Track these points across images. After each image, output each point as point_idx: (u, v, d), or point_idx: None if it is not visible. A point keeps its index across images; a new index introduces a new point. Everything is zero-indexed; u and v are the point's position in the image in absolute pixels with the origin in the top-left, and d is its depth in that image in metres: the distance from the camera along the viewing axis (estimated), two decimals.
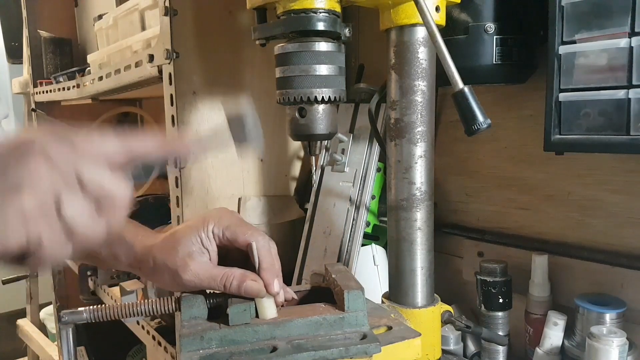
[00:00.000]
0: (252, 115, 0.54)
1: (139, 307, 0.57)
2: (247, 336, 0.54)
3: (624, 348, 0.65)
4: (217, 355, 0.52)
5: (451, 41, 0.74)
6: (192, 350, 0.52)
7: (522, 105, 0.86)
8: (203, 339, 0.53)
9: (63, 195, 0.41)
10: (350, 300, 0.56)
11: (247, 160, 1.07)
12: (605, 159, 0.77)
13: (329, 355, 0.51)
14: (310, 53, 0.58)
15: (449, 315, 0.67)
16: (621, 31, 0.60)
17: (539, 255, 0.82)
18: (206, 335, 0.53)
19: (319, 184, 1.04)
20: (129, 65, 1.11)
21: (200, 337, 0.53)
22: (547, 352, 0.77)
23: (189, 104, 0.96)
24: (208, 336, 0.53)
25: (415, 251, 0.65)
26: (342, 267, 0.65)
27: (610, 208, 0.78)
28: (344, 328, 0.56)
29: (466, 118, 0.53)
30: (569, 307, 0.78)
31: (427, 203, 0.65)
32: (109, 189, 0.43)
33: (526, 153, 0.87)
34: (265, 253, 0.59)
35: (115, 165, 0.45)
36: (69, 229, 0.41)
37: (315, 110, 0.60)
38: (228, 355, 0.52)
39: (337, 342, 0.54)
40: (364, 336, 0.54)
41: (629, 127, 0.61)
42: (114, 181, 0.44)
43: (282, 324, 0.55)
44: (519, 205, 0.89)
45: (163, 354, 1.14)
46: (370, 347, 0.52)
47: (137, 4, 1.19)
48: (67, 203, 0.41)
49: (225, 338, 0.53)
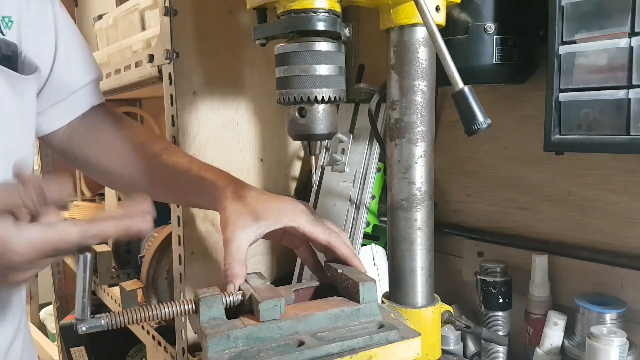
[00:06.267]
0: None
1: (157, 310, 0.57)
2: (272, 332, 0.55)
3: (624, 348, 0.65)
4: (245, 353, 0.52)
5: (451, 41, 0.74)
6: (219, 350, 0.52)
7: (522, 105, 0.86)
8: (230, 338, 0.53)
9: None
10: (364, 291, 0.59)
11: (247, 160, 1.07)
12: (605, 159, 0.77)
13: (355, 344, 0.54)
14: (310, 53, 0.58)
15: (449, 315, 0.67)
16: (621, 31, 0.60)
17: (539, 255, 0.82)
18: (232, 334, 0.53)
19: (319, 184, 1.04)
20: (129, 65, 1.11)
21: (227, 337, 0.53)
22: (547, 352, 0.77)
23: (189, 104, 0.96)
24: (234, 335, 0.53)
25: (415, 251, 0.65)
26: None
27: (610, 208, 0.78)
28: (359, 319, 0.58)
29: (466, 118, 0.53)
30: (569, 307, 0.78)
31: (427, 203, 0.65)
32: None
33: (526, 153, 0.87)
34: (345, 247, 0.66)
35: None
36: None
37: (315, 110, 0.60)
38: (256, 352, 0.52)
39: (357, 332, 0.56)
40: (381, 325, 0.57)
41: (629, 127, 0.61)
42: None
43: (304, 318, 0.56)
44: (519, 205, 0.89)
45: (163, 354, 1.14)
46: (391, 334, 0.55)
47: (137, 4, 1.19)
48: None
49: (251, 336, 0.54)
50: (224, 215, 0.66)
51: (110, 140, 0.83)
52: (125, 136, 0.82)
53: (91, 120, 0.84)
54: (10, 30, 0.66)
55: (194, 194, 0.74)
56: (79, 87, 0.81)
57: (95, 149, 0.83)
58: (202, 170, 0.73)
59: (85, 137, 0.83)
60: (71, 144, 0.84)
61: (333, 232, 0.66)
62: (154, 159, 0.78)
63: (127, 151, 0.81)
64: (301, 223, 0.65)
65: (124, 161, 0.81)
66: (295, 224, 0.65)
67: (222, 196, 0.68)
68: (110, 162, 0.82)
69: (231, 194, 0.67)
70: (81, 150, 0.83)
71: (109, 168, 0.82)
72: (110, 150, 0.82)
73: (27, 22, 0.69)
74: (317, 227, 0.66)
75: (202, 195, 0.72)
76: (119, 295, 1.35)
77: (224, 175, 0.72)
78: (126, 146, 0.81)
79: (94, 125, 0.84)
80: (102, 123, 0.84)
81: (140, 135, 0.83)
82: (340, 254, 0.66)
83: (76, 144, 0.83)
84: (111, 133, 0.83)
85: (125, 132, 0.83)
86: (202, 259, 1.00)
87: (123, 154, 0.81)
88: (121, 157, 0.81)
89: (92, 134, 0.83)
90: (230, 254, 0.62)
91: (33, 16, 0.70)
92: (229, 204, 0.66)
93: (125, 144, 0.81)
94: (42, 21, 0.73)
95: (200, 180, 0.72)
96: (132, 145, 0.81)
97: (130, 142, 0.81)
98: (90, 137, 0.83)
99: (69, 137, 0.83)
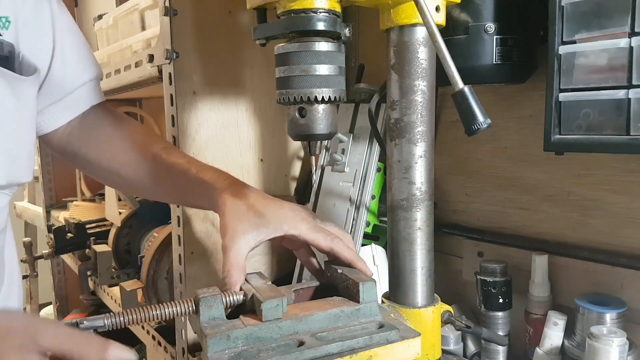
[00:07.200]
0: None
1: (158, 310, 0.57)
2: (272, 332, 0.55)
3: (624, 348, 0.65)
4: (245, 353, 0.52)
5: (451, 41, 0.74)
6: (219, 350, 0.52)
7: (522, 105, 0.86)
8: (230, 338, 0.53)
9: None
10: (364, 291, 0.59)
11: (247, 160, 1.07)
12: (605, 159, 0.77)
13: (355, 344, 0.54)
14: (310, 53, 0.58)
15: (449, 315, 0.67)
16: (621, 31, 0.60)
17: (539, 255, 0.82)
18: (232, 334, 0.53)
19: (319, 184, 1.04)
20: (129, 65, 1.11)
21: (227, 337, 0.53)
22: (547, 352, 0.77)
23: (189, 104, 0.96)
24: (234, 335, 0.53)
25: (415, 251, 0.65)
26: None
27: (610, 208, 0.78)
28: (359, 319, 0.58)
29: (466, 118, 0.53)
30: (569, 307, 0.78)
31: (427, 203, 0.65)
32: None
33: (526, 153, 0.87)
34: (348, 251, 0.65)
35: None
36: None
37: (315, 110, 0.60)
38: (256, 352, 0.52)
39: (357, 332, 0.56)
40: (380, 325, 0.57)
41: (629, 127, 0.61)
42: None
43: (304, 318, 0.56)
44: (518, 205, 0.89)
45: (163, 354, 1.14)
46: (391, 334, 0.55)
47: (137, 4, 1.19)
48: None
49: (251, 336, 0.54)
50: (223, 220, 0.65)
51: (110, 140, 0.83)
52: (125, 135, 0.82)
53: (91, 120, 0.84)
54: (7, 30, 0.66)
55: (192, 195, 0.74)
56: (77, 86, 0.80)
57: (95, 148, 0.83)
58: (201, 172, 0.73)
59: (85, 136, 0.83)
60: (71, 143, 0.83)
61: (335, 238, 0.65)
62: (154, 158, 0.78)
63: (127, 150, 0.81)
64: (302, 231, 0.64)
65: (123, 160, 0.81)
66: (296, 232, 0.64)
67: (221, 199, 0.67)
68: (110, 161, 0.82)
69: (230, 196, 0.67)
70: (80, 149, 0.83)
71: (108, 167, 0.82)
72: (110, 149, 0.82)
73: (23, 21, 0.68)
74: (319, 233, 0.65)
75: (201, 197, 0.72)
76: (119, 295, 1.35)
77: (223, 176, 0.72)
78: (126, 145, 0.81)
79: (93, 124, 0.84)
80: (101, 122, 0.84)
81: (140, 135, 0.83)
82: (344, 259, 0.65)
83: (76, 143, 0.83)
84: (111, 132, 0.83)
85: (125, 131, 0.83)
86: (202, 259, 1.00)
87: (122, 153, 0.81)
88: (120, 156, 0.81)
89: (92, 133, 0.83)
90: (228, 261, 0.61)
91: (28, 16, 0.70)
92: (228, 207, 0.65)
93: (125, 143, 0.81)
94: (38, 20, 0.72)
95: (198, 181, 0.72)
96: (131, 144, 0.81)
97: (129, 142, 0.81)
98: (90, 136, 0.83)
99: (69, 136, 0.83)
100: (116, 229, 1.48)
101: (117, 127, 0.83)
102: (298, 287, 0.66)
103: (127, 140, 0.81)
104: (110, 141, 0.82)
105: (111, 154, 0.82)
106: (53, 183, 2.26)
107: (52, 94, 0.78)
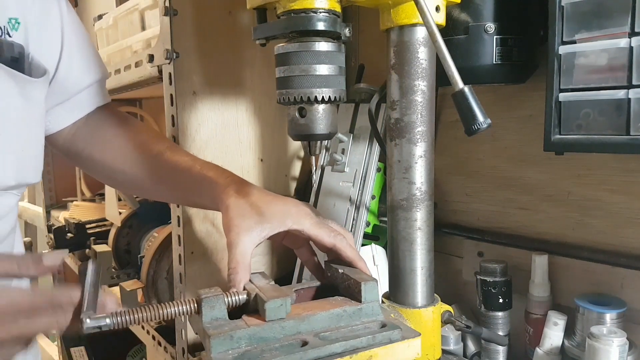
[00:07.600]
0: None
1: (161, 310, 0.56)
2: (275, 332, 0.54)
3: (624, 348, 0.65)
4: (249, 353, 0.52)
5: (451, 41, 0.74)
6: (223, 350, 0.52)
7: (522, 105, 0.86)
8: (233, 339, 0.53)
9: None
10: (366, 291, 0.59)
11: (247, 160, 1.07)
12: (605, 159, 0.77)
13: (358, 344, 0.54)
14: (310, 53, 0.58)
15: (449, 315, 0.67)
16: (621, 31, 0.60)
17: (539, 255, 0.82)
18: (235, 334, 0.53)
19: (319, 184, 1.04)
20: (129, 65, 1.11)
21: (230, 337, 0.52)
22: (547, 352, 0.77)
23: (189, 104, 0.96)
24: (238, 335, 0.53)
25: (415, 251, 0.65)
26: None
27: (610, 208, 0.78)
28: (361, 318, 0.58)
29: (466, 118, 0.53)
30: (569, 307, 0.78)
31: (427, 203, 0.65)
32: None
33: (526, 153, 0.87)
34: (350, 250, 0.66)
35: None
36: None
37: (315, 110, 0.60)
38: (259, 352, 0.52)
39: (359, 332, 0.56)
40: (383, 325, 0.57)
41: (629, 127, 0.61)
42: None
43: (307, 318, 0.56)
44: (518, 205, 0.89)
45: (163, 354, 1.14)
46: (394, 333, 0.55)
47: (137, 4, 1.19)
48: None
49: (254, 336, 0.54)
50: (226, 217, 0.65)
51: (114, 140, 0.83)
52: (128, 135, 0.82)
53: (95, 120, 0.84)
54: (17, 32, 0.66)
55: (195, 193, 0.74)
56: (83, 87, 0.81)
57: (99, 148, 0.83)
58: (204, 169, 0.73)
59: (89, 137, 0.84)
60: (75, 143, 0.84)
61: (338, 235, 0.66)
62: (157, 157, 0.78)
63: (130, 150, 0.81)
64: (306, 226, 0.65)
65: (126, 160, 0.81)
66: (300, 227, 0.64)
67: (224, 196, 0.67)
68: (113, 160, 0.82)
69: (234, 193, 0.67)
70: (85, 149, 0.84)
71: (112, 167, 0.82)
72: (114, 149, 0.82)
73: (32, 23, 0.68)
74: (322, 229, 0.65)
75: (204, 194, 0.72)
76: (119, 295, 1.35)
77: (226, 174, 0.72)
78: (129, 145, 0.81)
79: (98, 125, 0.84)
80: (106, 122, 0.84)
81: (143, 135, 0.83)
82: (345, 257, 0.65)
83: (80, 143, 0.84)
84: (115, 132, 0.83)
85: (129, 131, 0.83)
86: (202, 259, 1.00)
87: (126, 153, 0.81)
88: (124, 156, 0.81)
89: (96, 133, 0.84)
90: (234, 258, 0.61)
91: (37, 17, 0.70)
92: (231, 204, 0.65)
93: (129, 143, 0.81)
94: (47, 21, 0.73)
95: (202, 178, 0.72)
96: (135, 144, 0.81)
97: (133, 141, 0.81)
98: (94, 136, 0.84)
99: (73, 136, 0.83)
100: (116, 229, 1.48)
101: (122, 128, 0.84)
102: (299, 287, 0.66)
103: (130, 140, 0.82)
104: (114, 141, 0.83)
105: (115, 153, 0.82)
106: (53, 183, 2.26)
107: (58, 94, 0.78)
